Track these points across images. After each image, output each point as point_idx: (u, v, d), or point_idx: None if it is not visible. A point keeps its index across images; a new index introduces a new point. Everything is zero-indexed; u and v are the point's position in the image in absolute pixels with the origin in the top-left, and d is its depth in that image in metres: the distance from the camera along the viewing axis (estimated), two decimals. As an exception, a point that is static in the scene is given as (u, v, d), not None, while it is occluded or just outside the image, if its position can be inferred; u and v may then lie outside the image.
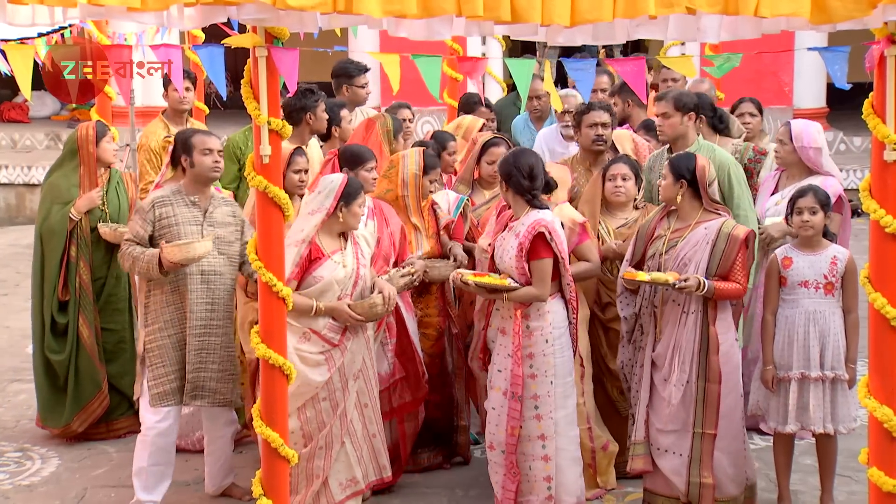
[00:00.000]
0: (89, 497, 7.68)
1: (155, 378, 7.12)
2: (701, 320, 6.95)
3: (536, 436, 6.97)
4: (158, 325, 7.15)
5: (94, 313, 8.54)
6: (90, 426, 8.59)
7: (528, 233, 6.85)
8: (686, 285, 6.81)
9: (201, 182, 7.25)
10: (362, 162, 7.55)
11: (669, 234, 7.05)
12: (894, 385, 5.70)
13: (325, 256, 6.86)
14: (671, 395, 7.00)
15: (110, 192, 8.62)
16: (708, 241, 6.92)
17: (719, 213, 7.06)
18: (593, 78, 6.18)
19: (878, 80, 5.54)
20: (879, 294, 5.61)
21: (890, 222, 5.54)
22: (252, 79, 5.82)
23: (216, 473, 7.56)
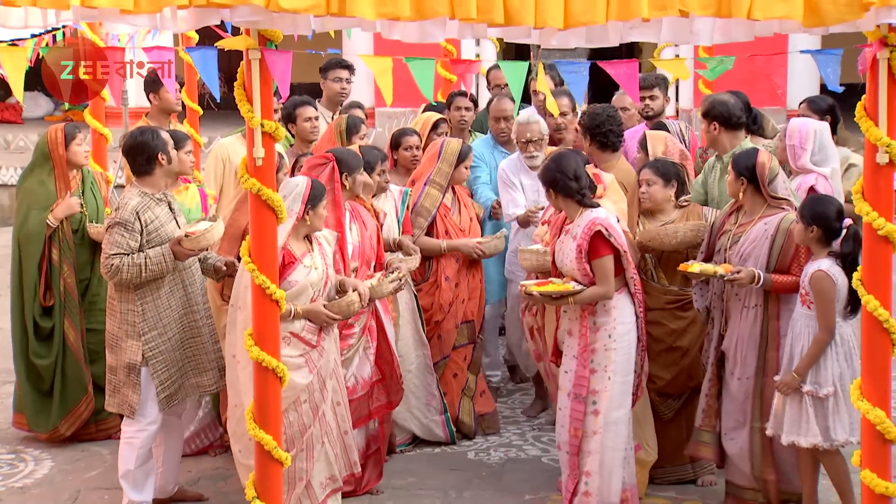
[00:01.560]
0: (82, 499, 7.66)
1: (162, 383, 7.10)
2: (762, 315, 6.98)
3: (591, 431, 6.98)
4: (157, 331, 7.11)
5: (79, 315, 8.53)
6: (81, 427, 8.59)
7: (586, 234, 6.88)
8: (737, 278, 6.83)
9: (172, 179, 7.32)
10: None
11: (735, 229, 7.11)
12: (886, 387, 5.75)
13: (296, 261, 6.87)
14: (736, 388, 7.08)
15: (86, 192, 8.59)
16: (767, 236, 6.96)
17: (783, 207, 7.08)
18: (587, 81, 6.18)
19: (871, 82, 5.56)
20: (872, 296, 5.63)
21: (882, 224, 5.57)
22: (245, 81, 5.82)
23: (175, 470, 7.55)
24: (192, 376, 7.24)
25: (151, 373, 7.08)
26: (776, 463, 7.06)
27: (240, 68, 5.85)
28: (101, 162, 9.34)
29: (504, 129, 9.23)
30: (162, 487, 7.42)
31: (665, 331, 7.56)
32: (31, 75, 7.18)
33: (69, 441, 8.58)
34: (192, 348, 7.22)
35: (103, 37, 9.51)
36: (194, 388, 7.28)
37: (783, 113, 17.61)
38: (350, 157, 7.57)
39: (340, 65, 9.93)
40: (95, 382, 8.45)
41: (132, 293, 7.08)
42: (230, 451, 8.09)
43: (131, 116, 13.43)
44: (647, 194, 7.54)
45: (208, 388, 7.33)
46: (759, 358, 7.00)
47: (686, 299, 7.50)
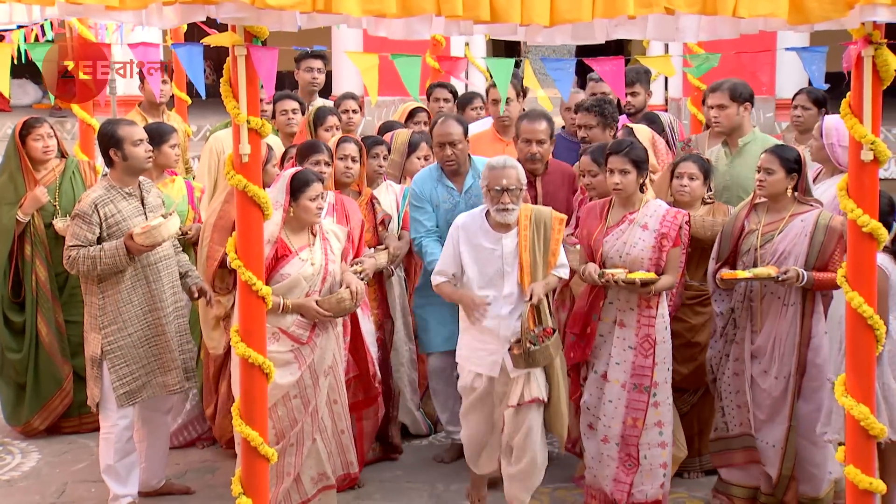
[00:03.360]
0: (69, 492, 7.68)
1: (119, 378, 7.10)
2: (800, 312, 6.99)
3: (654, 423, 7.06)
4: (117, 326, 7.11)
5: (53, 310, 8.52)
6: (56, 420, 8.62)
7: (672, 223, 6.97)
8: (787, 277, 6.82)
9: (133, 174, 7.21)
10: (308, 155, 7.57)
11: (762, 227, 7.06)
12: (870, 384, 5.76)
13: (291, 253, 6.85)
14: (772, 386, 7.05)
15: (64, 183, 8.59)
16: (806, 233, 6.94)
17: (811, 204, 7.09)
18: (573, 78, 6.18)
19: (855, 80, 5.57)
20: (856, 293, 5.65)
21: (867, 222, 5.59)
22: (231, 77, 5.80)
23: (160, 465, 7.56)
24: (158, 375, 7.22)
25: (109, 367, 7.09)
26: (798, 463, 7.09)
27: (226, 65, 5.83)
28: (89, 152, 9.32)
29: (451, 156, 7.86)
30: (145, 482, 7.44)
31: (685, 326, 7.58)
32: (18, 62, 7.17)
33: (54, 433, 8.61)
34: (157, 346, 7.20)
35: (91, 26, 9.50)
36: (160, 388, 7.25)
37: (772, 102, 17.64)
38: (303, 147, 7.63)
39: (312, 55, 9.95)
40: (79, 374, 8.44)
41: (94, 285, 7.12)
42: (217, 443, 8.17)
43: (120, 105, 13.41)
44: (689, 188, 7.50)
45: (173, 387, 7.28)
46: (799, 355, 6.99)
47: (705, 295, 7.49)
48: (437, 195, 7.86)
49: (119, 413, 7.14)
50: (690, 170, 7.53)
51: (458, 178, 7.90)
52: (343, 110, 9.14)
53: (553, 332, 6.79)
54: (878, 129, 5.58)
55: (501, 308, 6.86)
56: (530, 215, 6.89)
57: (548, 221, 6.91)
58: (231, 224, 7.48)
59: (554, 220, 6.92)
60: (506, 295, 6.87)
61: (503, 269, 6.88)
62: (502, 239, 6.89)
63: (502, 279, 6.87)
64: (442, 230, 7.71)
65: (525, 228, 6.85)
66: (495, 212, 6.84)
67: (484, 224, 6.95)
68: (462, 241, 6.95)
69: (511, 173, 6.84)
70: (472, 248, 6.93)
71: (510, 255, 6.86)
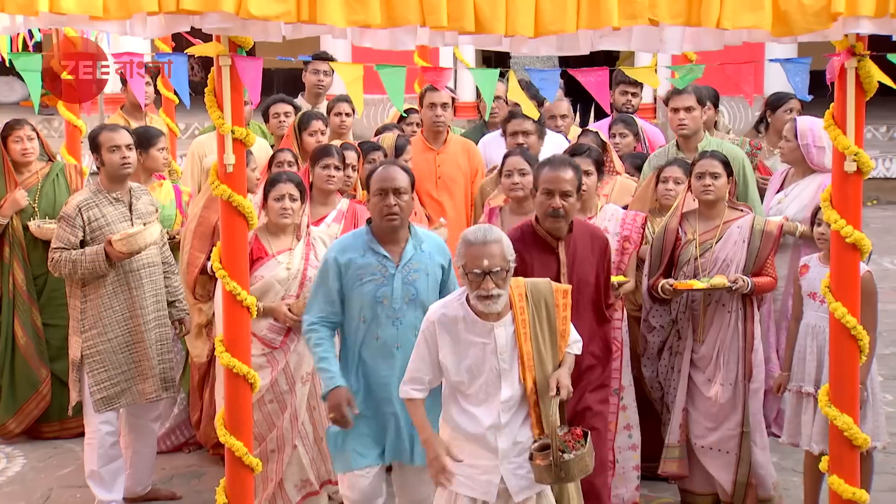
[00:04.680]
0: (55, 497, 7.67)
1: (98, 383, 7.10)
2: (742, 318, 7.01)
3: (623, 426, 7.14)
4: (97, 330, 7.11)
5: (30, 313, 8.50)
6: (33, 424, 8.60)
7: (634, 224, 7.01)
8: (739, 286, 6.84)
9: (116, 179, 7.20)
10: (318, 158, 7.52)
11: (698, 237, 7.05)
12: (854, 394, 5.79)
13: (268, 256, 6.84)
14: (718, 394, 7.04)
15: (46, 186, 8.56)
16: (743, 239, 6.97)
17: (741, 209, 7.13)
18: (557, 87, 6.19)
19: (839, 91, 5.59)
20: (840, 304, 5.67)
21: (850, 232, 5.61)
22: (216, 87, 5.80)
23: (146, 475, 7.55)
24: (137, 382, 7.21)
25: (87, 371, 7.10)
26: (753, 468, 7.10)
27: (210, 74, 5.83)
28: (75, 153, 9.30)
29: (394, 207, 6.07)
30: (130, 489, 7.43)
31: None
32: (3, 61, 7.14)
33: (36, 438, 8.60)
34: (136, 353, 7.20)
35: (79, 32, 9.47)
36: (139, 395, 7.23)
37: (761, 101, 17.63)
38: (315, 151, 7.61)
39: (320, 57, 9.94)
40: (59, 378, 8.44)
41: (77, 289, 7.14)
42: (204, 447, 8.17)
43: (107, 103, 13.38)
44: (675, 192, 7.49)
45: (149, 395, 7.26)
46: (742, 362, 7.02)
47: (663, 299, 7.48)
48: (363, 266, 6.04)
49: (101, 418, 7.14)
50: (676, 174, 7.54)
51: (396, 245, 6.11)
52: (336, 113, 9.12)
53: (585, 435, 5.52)
54: (862, 140, 5.60)
55: (499, 416, 5.53)
56: (525, 293, 5.58)
57: (549, 298, 5.62)
58: (211, 230, 7.49)
59: (556, 293, 5.65)
60: (504, 400, 5.51)
61: (499, 367, 5.50)
62: (494, 329, 5.50)
63: (498, 380, 5.51)
64: (356, 316, 6.09)
65: (522, 312, 5.56)
66: (476, 300, 5.41)
67: (467, 313, 5.51)
68: (442, 339, 5.52)
69: (494, 250, 5.39)
70: (456, 345, 5.52)
71: (506, 348, 5.51)
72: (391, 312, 6.05)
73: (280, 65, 7.99)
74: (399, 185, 6.04)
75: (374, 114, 17.51)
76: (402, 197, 6.05)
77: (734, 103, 16.86)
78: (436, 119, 8.72)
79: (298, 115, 8.62)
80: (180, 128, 13.59)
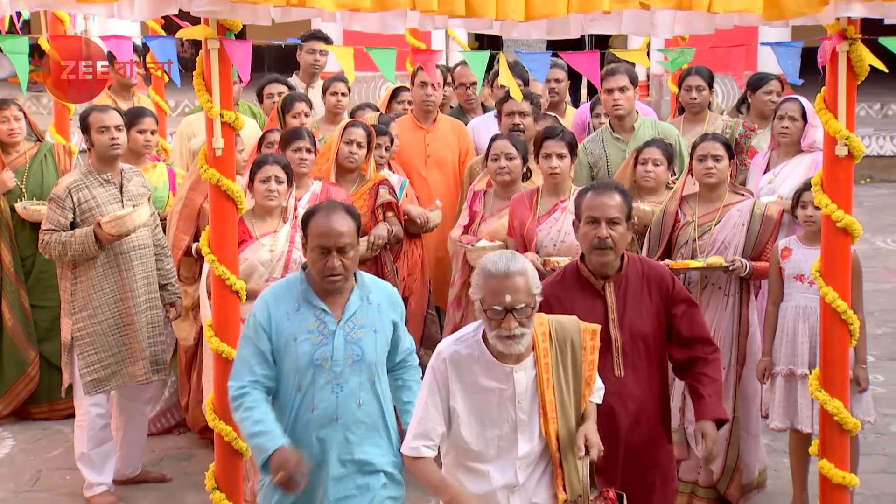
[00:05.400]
0: (44, 479, 7.64)
1: (88, 366, 7.08)
2: (738, 303, 6.97)
3: None
4: (87, 312, 7.09)
5: (18, 295, 8.46)
6: (21, 406, 8.56)
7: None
8: (736, 267, 6.78)
9: (105, 161, 7.14)
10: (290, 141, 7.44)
11: (698, 219, 6.97)
12: (844, 378, 5.80)
13: (252, 238, 6.80)
14: None
15: (34, 166, 8.49)
16: (743, 222, 6.91)
17: (742, 193, 7.09)
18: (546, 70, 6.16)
19: (830, 75, 5.58)
20: (830, 288, 5.67)
21: (841, 217, 5.60)
22: (204, 71, 5.77)
23: (136, 457, 7.53)
24: (127, 364, 7.18)
25: (77, 353, 7.08)
26: (741, 454, 7.09)
27: (199, 57, 5.80)
28: (64, 133, 9.26)
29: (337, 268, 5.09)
30: (120, 471, 7.42)
31: None
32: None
33: (24, 419, 8.56)
34: (127, 336, 7.16)
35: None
36: (129, 377, 7.20)
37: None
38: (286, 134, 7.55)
39: (316, 37, 9.88)
40: (48, 360, 8.42)
41: (68, 271, 7.12)
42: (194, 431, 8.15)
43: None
44: (654, 174, 7.41)
45: (140, 378, 7.22)
46: (736, 347, 7.00)
47: None
48: (298, 322, 5.12)
49: (91, 401, 7.13)
50: (654, 155, 7.42)
51: (338, 297, 5.17)
52: (332, 93, 9.04)
53: (619, 499, 4.95)
54: (853, 124, 5.59)
55: (515, 474, 4.80)
56: (549, 331, 4.83)
57: (575, 338, 4.88)
58: (196, 212, 7.46)
59: (584, 333, 4.90)
60: (521, 456, 4.78)
61: (516, 417, 4.76)
62: (513, 373, 4.74)
63: (514, 433, 4.77)
64: (290, 384, 5.16)
65: (545, 354, 4.80)
66: (496, 340, 4.65)
67: (483, 353, 4.75)
68: (453, 382, 4.75)
69: (518, 283, 4.61)
70: (468, 389, 4.76)
71: (526, 395, 4.76)
72: (331, 377, 5.07)
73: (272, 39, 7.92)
74: (344, 242, 5.04)
75: (365, 91, 17.45)
76: (348, 254, 5.07)
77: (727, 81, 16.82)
78: (426, 98, 8.65)
79: (282, 98, 8.55)
80: (170, 105, 13.56)
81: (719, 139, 7.04)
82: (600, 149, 8.02)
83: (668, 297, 5.41)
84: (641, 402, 5.37)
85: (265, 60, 20.25)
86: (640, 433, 5.37)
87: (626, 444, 5.34)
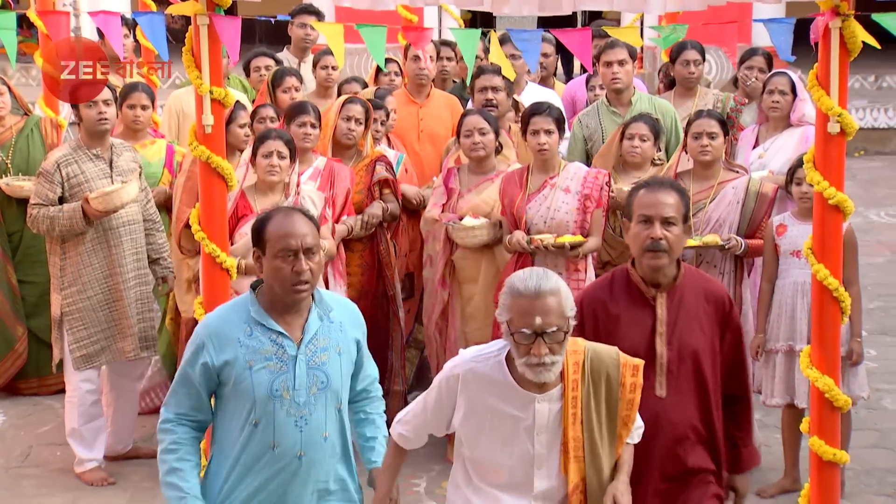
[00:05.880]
0: (34, 455, 7.64)
1: (77, 341, 7.08)
2: (733, 281, 6.96)
3: None
4: (76, 288, 7.07)
5: (5, 270, 8.42)
6: (10, 381, 8.53)
7: (595, 183, 6.85)
8: (732, 245, 6.77)
9: (94, 136, 7.10)
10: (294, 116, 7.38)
11: (693, 196, 6.87)
12: (835, 355, 5.77)
13: (253, 213, 6.75)
14: None
15: (19, 141, 8.40)
16: (738, 200, 6.90)
17: (736, 170, 7.06)
18: (539, 49, 6.12)
19: (823, 51, 5.53)
20: (822, 265, 5.65)
21: (833, 194, 5.58)
22: (194, 47, 5.75)
23: (127, 433, 7.52)
24: (116, 340, 7.17)
25: (67, 329, 7.07)
26: None
27: (188, 34, 5.77)
28: (53, 106, 9.21)
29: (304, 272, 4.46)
30: (111, 447, 7.42)
31: None
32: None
33: (13, 394, 8.55)
34: (116, 311, 7.15)
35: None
36: (118, 353, 7.19)
37: (749, 50, 17.55)
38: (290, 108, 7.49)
39: (307, 11, 9.83)
40: (38, 336, 8.39)
41: (57, 246, 7.11)
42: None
43: (86, 52, 13.24)
44: (640, 150, 7.35)
45: (128, 354, 7.21)
46: None
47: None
48: (252, 350, 4.43)
49: (81, 376, 7.13)
50: (642, 130, 7.36)
51: (295, 317, 4.52)
52: (322, 66, 9.00)
53: None
54: (846, 101, 5.56)
55: None
56: (582, 360, 4.34)
57: (612, 372, 4.37)
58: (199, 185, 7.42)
59: (624, 368, 4.39)
60: (536, 494, 4.34)
61: (533, 451, 4.30)
62: (535, 403, 4.29)
63: (531, 467, 4.32)
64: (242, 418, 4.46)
65: (574, 386, 4.31)
66: (524, 367, 4.19)
67: (504, 376, 4.30)
68: (462, 400, 4.34)
69: (550, 304, 4.15)
70: (483, 413, 4.31)
71: (546, 429, 4.30)
72: (293, 409, 4.44)
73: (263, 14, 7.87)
74: (310, 242, 4.43)
75: (356, 63, 17.36)
76: (315, 258, 4.45)
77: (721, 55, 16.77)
78: (419, 72, 8.59)
79: (272, 72, 8.51)
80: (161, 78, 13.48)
81: (714, 116, 7.02)
82: (596, 122, 7.99)
83: (724, 320, 4.88)
84: (683, 429, 4.78)
85: (256, 34, 20.17)
86: (677, 465, 4.77)
87: (661, 476, 4.77)
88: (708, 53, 9.52)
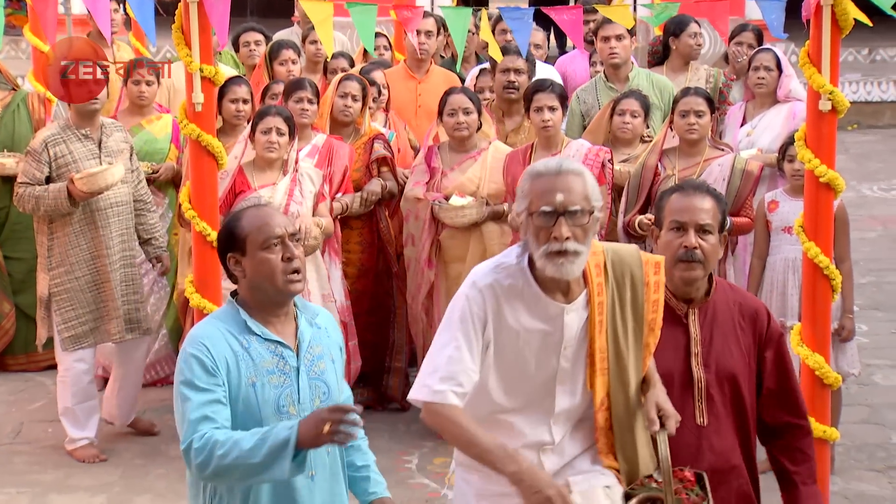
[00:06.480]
0: (25, 432, 7.63)
1: (65, 322, 7.04)
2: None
3: None
4: (64, 268, 7.03)
5: None
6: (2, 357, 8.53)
7: (595, 160, 6.80)
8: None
9: (84, 115, 7.03)
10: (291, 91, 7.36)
11: (678, 172, 6.90)
12: (826, 333, 5.79)
13: (250, 189, 6.77)
14: None
15: (5, 116, 8.32)
16: (724, 177, 6.87)
17: (722, 148, 7.06)
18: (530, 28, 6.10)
19: (814, 29, 5.53)
20: (813, 243, 5.66)
21: (824, 172, 5.58)
22: (184, 25, 5.73)
23: (130, 406, 7.52)
24: (104, 322, 7.14)
25: (55, 309, 7.05)
26: None
27: (178, 11, 5.75)
28: (43, 80, 9.15)
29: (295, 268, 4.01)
30: (113, 416, 7.44)
31: None
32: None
33: (5, 371, 8.53)
34: (103, 293, 7.11)
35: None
36: (105, 335, 7.16)
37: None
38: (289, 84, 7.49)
39: None
40: (26, 313, 8.36)
41: (44, 225, 7.06)
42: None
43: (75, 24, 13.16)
44: (631, 126, 7.36)
45: (113, 336, 7.16)
46: None
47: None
48: (253, 363, 3.94)
49: (75, 356, 7.10)
50: (632, 107, 7.37)
51: (284, 326, 4.06)
52: (311, 41, 8.97)
53: (699, 479, 4.00)
54: (837, 79, 5.55)
55: (550, 432, 3.98)
56: (604, 262, 3.96)
57: (636, 271, 4.01)
58: None
59: (647, 266, 4.03)
60: (559, 412, 3.97)
61: (558, 365, 3.92)
62: (564, 314, 3.89)
63: (552, 382, 3.94)
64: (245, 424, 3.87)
65: (599, 290, 3.92)
66: (544, 260, 3.77)
67: (528, 284, 3.88)
68: (491, 317, 3.88)
69: (573, 183, 3.78)
70: (505, 330, 3.88)
71: (573, 341, 3.92)
72: None
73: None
74: (291, 229, 4.02)
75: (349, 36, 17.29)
76: (299, 246, 4.06)
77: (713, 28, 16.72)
78: (419, 46, 8.58)
79: (269, 45, 8.49)
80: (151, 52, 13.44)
81: (701, 93, 7.01)
82: (593, 98, 7.98)
83: (762, 336, 4.37)
84: (725, 459, 4.29)
85: (247, 6, 20.07)
86: (720, 499, 4.14)
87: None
88: (703, 28, 9.52)
